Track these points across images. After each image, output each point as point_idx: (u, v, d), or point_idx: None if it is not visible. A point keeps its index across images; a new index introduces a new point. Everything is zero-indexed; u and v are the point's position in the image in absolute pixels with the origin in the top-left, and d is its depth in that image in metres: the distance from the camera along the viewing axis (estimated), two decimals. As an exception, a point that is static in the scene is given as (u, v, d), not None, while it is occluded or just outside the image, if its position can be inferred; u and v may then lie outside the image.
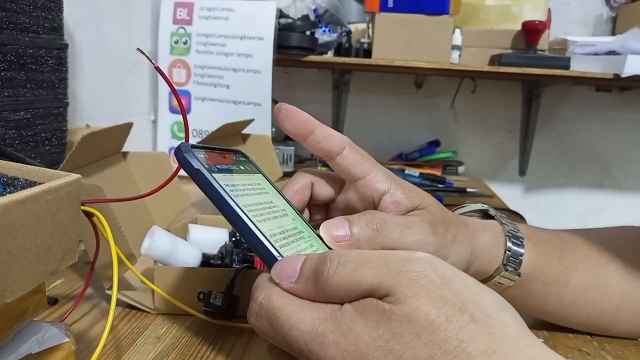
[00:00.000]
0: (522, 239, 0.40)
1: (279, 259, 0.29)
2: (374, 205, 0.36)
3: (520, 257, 0.39)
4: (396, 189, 0.35)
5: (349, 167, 0.35)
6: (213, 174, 0.30)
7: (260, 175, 0.36)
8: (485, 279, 0.39)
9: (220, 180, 0.30)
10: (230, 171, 0.32)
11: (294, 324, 0.26)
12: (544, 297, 0.41)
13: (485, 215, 0.44)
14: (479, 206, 0.44)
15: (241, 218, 0.29)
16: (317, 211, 0.39)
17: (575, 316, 0.42)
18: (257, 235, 0.29)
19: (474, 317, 0.24)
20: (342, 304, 0.26)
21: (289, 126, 0.35)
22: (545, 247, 0.41)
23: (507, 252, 0.39)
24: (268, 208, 0.32)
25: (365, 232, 0.33)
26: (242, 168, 0.35)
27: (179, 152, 0.30)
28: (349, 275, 0.25)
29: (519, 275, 0.39)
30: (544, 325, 0.45)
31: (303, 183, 0.37)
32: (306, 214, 0.39)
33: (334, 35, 1.19)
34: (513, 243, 0.39)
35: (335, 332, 0.25)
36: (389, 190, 0.35)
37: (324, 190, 0.38)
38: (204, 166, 0.29)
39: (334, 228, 0.33)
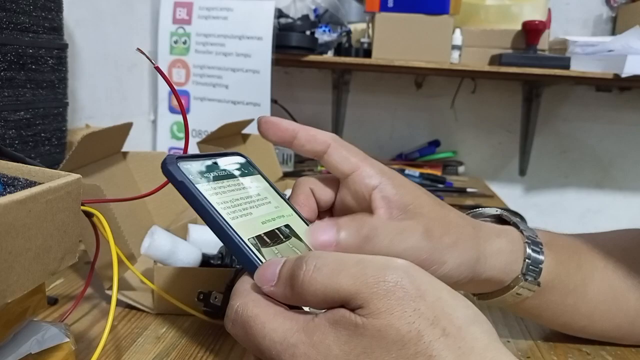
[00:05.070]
0: (542, 245, 0.37)
1: (260, 264, 0.29)
2: (366, 202, 0.34)
3: (540, 266, 0.36)
4: (387, 184, 0.34)
5: (335, 164, 0.35)
6: (198, 185, 0.30)
7: (258, 176, 0.36)
8: (503, 289, 0.37)
9: (205, 190, 0.30)
10: (220, 178, 0.32)
11: (266, 334, 0.26)
12: (560, 309, 0.39)
13: (500, 220, 0.41)
14: (493, 211, 0.41)
15: (221, 225, 0.29)
16: (324, 216, 0.38)
17: (589, 328, 0.41)
18: (236, 242, 0.29)
19: (445, 330, 0.24)
20: (319, 307, 0.26)
21: (272, 136, 0.34)
22: (563, 254, 0.39)
23: (526, 260, 0.36)
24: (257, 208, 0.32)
25: (354, 239, 0.31)
26: (236, 172, 0.35)
27: (163, 165, 0.30)
28: (325, 281, 0.25)
29: (538, 285, 0.37)
30: (545, 327, 0.45)
31: (304, 192, 0.36)
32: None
33: (334, 35, 1.19)
34: (533, 250, 0.37)
35: (306, 344, 0.25)
36: (378, 185, 0.34)
37: (324, 194, 0.37)
38: (187, 178, 0.30)
39: (321, 232, 0.32)
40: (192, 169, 0.31)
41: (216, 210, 0.29)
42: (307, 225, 0.35)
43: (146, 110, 1.18)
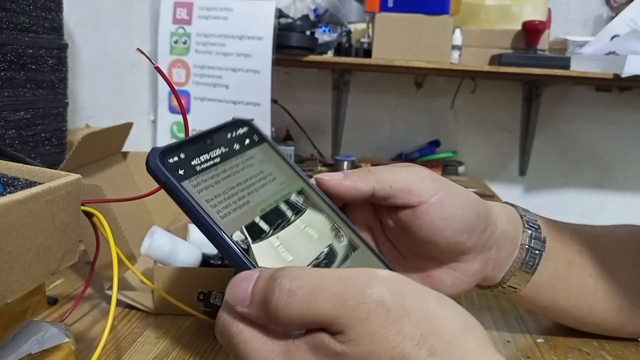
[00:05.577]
0: (535, 214, 0.40)
1: (251, 269, 0.27)
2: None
3: (539, 229, 0.38)
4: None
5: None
6: (184, 182, 0.28)
7: (264, 145, 0.34)
8: (517, 259, 0.38)
9: (193, 187, 0.28)
10: (214, 163, 0.30)
11: (248, 353, 0.25)
12: (567, 283, 0.39)
13: None
14: None
15: (207, 228, 0.27)
16: None
17: (594, 311, 0.40)
18: (225, 246, 0.27)
19: (432, 349, 0.23)
20: (297, 330, 0.25)
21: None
22: (557, 230, 0.40)
23: (525, 225, 0.38)
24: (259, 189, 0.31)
25: (359, 172, 0.34)
26: (237, 147, 0.32)
27: (147, 163, 0.27)
28: (301, 306, 0.24)
29: (544, 242, 0.38)
30: (545, 327, 0.45)
31: None
32: None
33: (334, 35, 1.19)
34: (529, 218, 0.39)
35: None
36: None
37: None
38: (173, 175, 0.27)
39: (328, 175, 0.34)
40: (180, 162, 0.28)
41: (204, 211, 0.27)
42: (321, 198, 0.33)
43: (146, 110, 1.18)
